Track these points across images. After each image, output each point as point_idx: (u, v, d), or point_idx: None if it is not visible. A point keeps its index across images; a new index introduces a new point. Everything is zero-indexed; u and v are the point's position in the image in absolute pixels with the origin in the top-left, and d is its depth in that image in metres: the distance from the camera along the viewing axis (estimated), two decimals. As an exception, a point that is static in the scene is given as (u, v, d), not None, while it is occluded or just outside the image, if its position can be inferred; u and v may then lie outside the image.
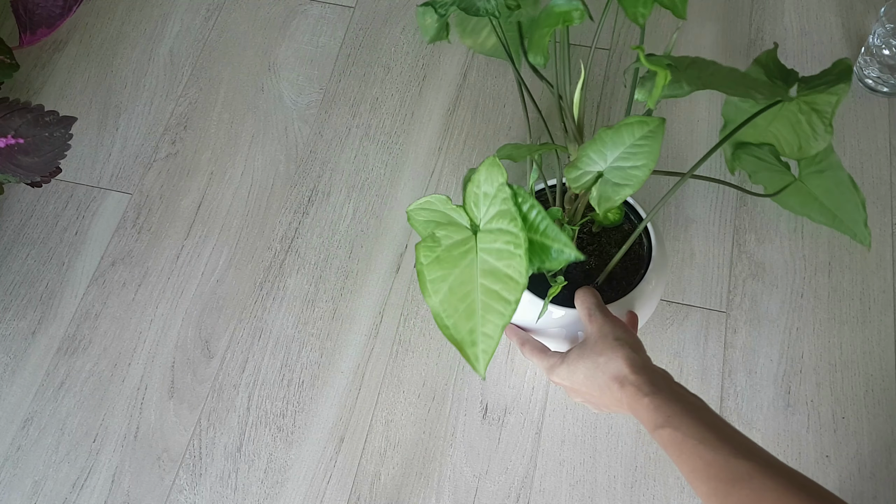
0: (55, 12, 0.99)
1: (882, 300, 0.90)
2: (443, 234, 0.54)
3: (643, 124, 0.53)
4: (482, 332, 0.50)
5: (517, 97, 1.04)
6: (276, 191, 0.99)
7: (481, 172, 0.53)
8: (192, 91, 1.07)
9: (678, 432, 0.57)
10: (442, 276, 0.53)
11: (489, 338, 0.50)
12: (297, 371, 0.88)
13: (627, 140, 0.54)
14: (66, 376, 0.88)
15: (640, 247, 0.77)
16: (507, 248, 0.51)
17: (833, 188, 0.55)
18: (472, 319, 0.51)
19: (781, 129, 0.61)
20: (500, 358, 0.88)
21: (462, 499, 0.82)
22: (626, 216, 0.79)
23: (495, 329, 0.50)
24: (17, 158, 0.80)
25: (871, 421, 0.84)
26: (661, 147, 1.00)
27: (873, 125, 1.01)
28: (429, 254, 0.54)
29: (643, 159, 0.53)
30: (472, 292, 0.51)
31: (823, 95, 0.58)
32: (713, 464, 0.54)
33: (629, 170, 0.54)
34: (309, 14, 1.13)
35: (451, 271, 0.53)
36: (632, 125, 0.54)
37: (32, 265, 0.95)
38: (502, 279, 0.50)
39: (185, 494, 0.82)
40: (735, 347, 0.88)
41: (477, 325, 0.50)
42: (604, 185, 0.56)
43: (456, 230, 0.54)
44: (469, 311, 0.51)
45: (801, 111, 0.59)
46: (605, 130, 0.56)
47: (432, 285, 0.53)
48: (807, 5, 1.10)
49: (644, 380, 0.61)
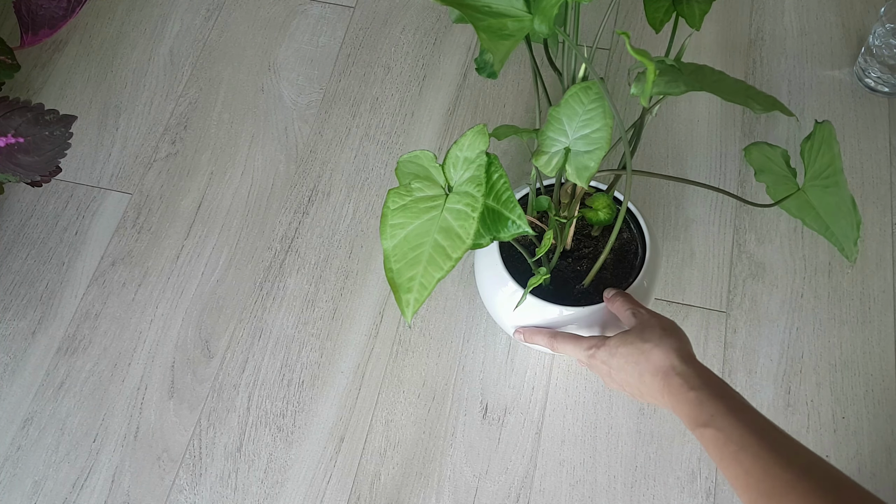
0: (58, 13, 0.99)
1: (882, 300, 0.90)
2: (416, 187, 0.57)
3: (588, 89, 0.57)
4: (420, 281, 0.53)
5: (517, 97, 1.04)
6: (276, 191, 0.99)
7: (467, 137, 0.56)
8: (192, 91, 1.07)
9: (721, 434, 0.55)
10: (402, 224, 0.56)
11: (424, 288, 0.53)
12: (297, 371, 0.88)
13: (579, 109, 0.57)
14: (66, 376, 0.88)
15: (634, 252, 0.77)
16: (465, 210, 0.54)
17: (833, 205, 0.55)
18: (415, 268, 0.54)
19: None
20: (500, 358, 0.88)
21: (462, 499, 0.82)
22: (626, 223, 0.78)
23: (431, 280, 0.53)
24: (17, 157, 0.80)
25: (871, 421, 0.84)
26: (661, 147, 1.00)
27: (873, 125, 1.01)
28: (398, 200, 0.56)
29: (599, 121, 0.56)
30: (425, 245, 0.54)
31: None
32: (752, 473, 0.53)
33: (591, 135, 0.57)
34: (309, 14, 1.13)
35: (412, 221, 0.56)
36: (577, 94, 0.57)
37: (32, 265, 0.95)
38: (452, 237, 0.53)
39: (185, 494, 0.82)
40: (735, 347, 0.88)
41: (418, 274, 0.54)
42: (575, 158, 0.58)
43: (430, 186, 0.57)
44: (415, 261, 0.54)
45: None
46: (555, 108, 0.58)
47: (391, 230, 0.56)
48: (807, 5, 1.10)
49: (692, 372, 0.60)
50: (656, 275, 0.78)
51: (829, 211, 0.55)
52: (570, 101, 0.57)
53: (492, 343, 0.89)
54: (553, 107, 0.58)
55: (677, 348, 0.62)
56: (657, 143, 1.01)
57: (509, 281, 0.74)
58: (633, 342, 0.64)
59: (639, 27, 1.10)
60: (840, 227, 0.55)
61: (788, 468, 0.52)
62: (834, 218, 0.55)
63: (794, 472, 0.52)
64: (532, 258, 0.68)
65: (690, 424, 0.58)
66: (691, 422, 0.58)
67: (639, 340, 0.64)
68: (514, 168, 0.99)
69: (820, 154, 0.54)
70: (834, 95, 1.03)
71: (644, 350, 0.63)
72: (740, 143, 1.00)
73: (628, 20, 1.10)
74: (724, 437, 0.55)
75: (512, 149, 1.01)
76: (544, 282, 0.75)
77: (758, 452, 0.54)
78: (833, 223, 0.55)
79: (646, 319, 0.66)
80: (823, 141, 0.54)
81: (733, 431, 0.55)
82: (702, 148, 1.00)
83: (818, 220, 0.55)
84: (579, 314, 0.73)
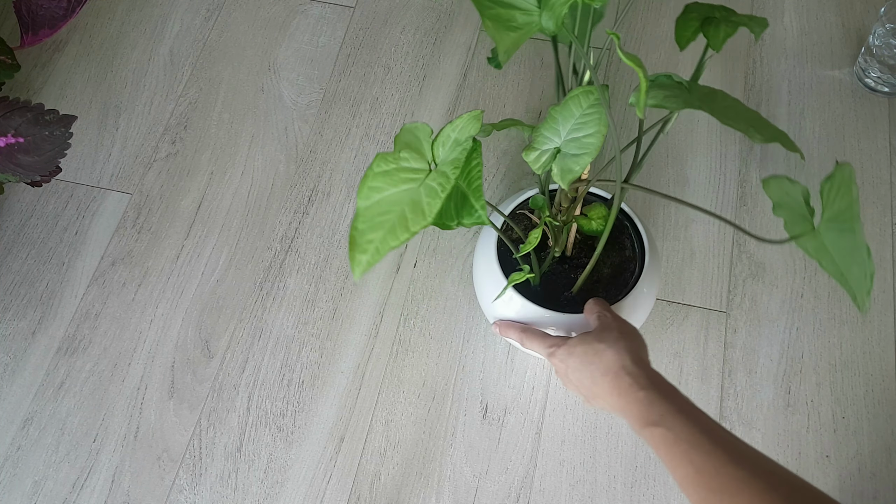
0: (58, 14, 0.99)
1: (882, 300, 0.90)
2: (404, 156, 0.58)
3: (588, 94, 0.57)
4: (377, 245, 0.55)
5: (517, 97, 1.04)
6: (276, 191, 0.99)
7: (462, 119, 0.56)
8: (192, 91, 1.07)
9: (671, 433, 0.56)
10: (380, 188, 0.57)
11: (378, 252, 0.54)
12: (297, 371, 0.88)
13: (576, 112, 0.57)
14: (66, 376, 0.88)
15: (631, 272, 0.77)
16: (436, 189, 0.55)
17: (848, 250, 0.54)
18: (376, 232, 0.55)
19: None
20: (501, 358, 0.88)
21: (462, 499, 0.82)
22: (630, 240, 0.78)
23: (386, 247, 0.54)
24: (17, 157, 0.80)
25: (871, 421, 0.84)
26: (661, 146, 1.00)
27: (873, 125, 1.01)
28: (383, 165, 0.57)
29: (594, 127, 0.56)
30: (393, 213, 0.55)
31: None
32: (703, 471, 0.53)
33: (583, 139, 0.57)
34: (309, 14, 1.13)
35: (389, 188, 0.57)
36: (577, 97, 0.57)
37: (32, 265, 0.95)
38: (417, 212, 0.55)
39: (185, 494, 0.82)
40: (735, 347, 0.88)
41: (377, 238, 0.55)
42: (563, 160, 0.58)
43: (417, 159, 0.58)
44: (379, 226, 0.55)
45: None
46: (554, 108, 0.58)
47: (369, 191, 0.57)
48: (807, 5, 1.10)
49: (642, 373, 0.61)
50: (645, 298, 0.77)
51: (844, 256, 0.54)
52: (569, 103, 0.57)
53: (492, 343, 0.89)
54: (553, 106, 0.58)
55: (630, 350, 0.63)
56: (656, 143, 1.00)
57: (501, 277, 0.74)
58: (589, 342, 0.65)
59: (662, 36, 1.09)
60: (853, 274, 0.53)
61: (741, 466, 0.53)
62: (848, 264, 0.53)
63: (746, 469, 0.52)
64: (517, 254, 0.68)
65: (639, 424, 0.59)
66: (640, 421, 0.59)
67: (595, 341, 0.65)
68: (514, 168, 0.99)
69: (839, 196, 0.53)
70: (834, 95, 1.03)
71: (598, 350, 0.64)
72: (740, 143, 1.00)
73: (628, 22, 1.10)
74: (673, 435, 0.56)
75: (513, 149, 1.01)
76: (533, 281, 0.76)
77: (709, 450, 0.54)
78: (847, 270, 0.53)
79: (608, 323, 0.67)
80: (843, 183, 0.53)
81: (683, 430, 0.56)
82: (701, 148, 1.00)
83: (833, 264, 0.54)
84: (558, 319, 0.73)
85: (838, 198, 0.53)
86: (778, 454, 0.83)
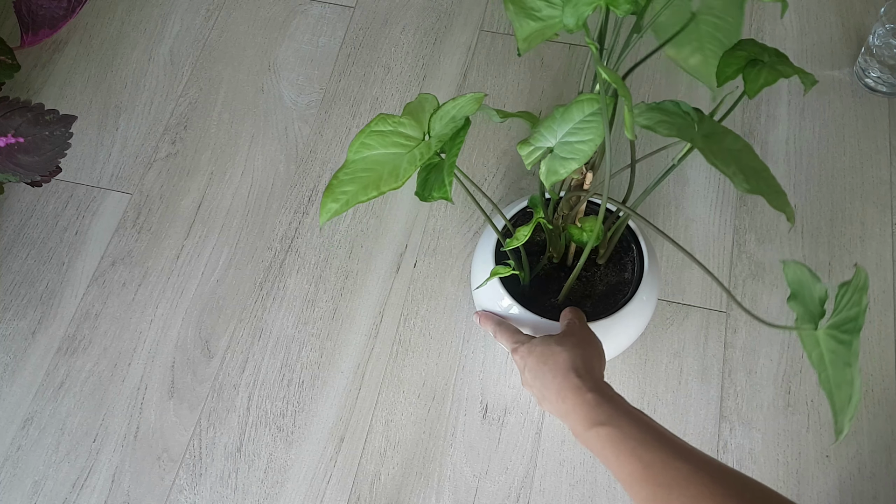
0: (58, 14, 0.99)
1: (882, 300, 0.90)
2: (403, 122, 0.59)
3: (593, 102, 0.57)
4: (348, 198, 0.57)
5: (517, 97, 1.04)
6: (276, 191, 0.99)
7: (465, 98, 0.57)
8: (192, 91, 1.07)
9: (618, 431, 0.57)
10: (371, 146, 0.59)
11: (347, 205, 0.57)
12: (297, 371, 0.88)
13: (577, 116, 0.57)
14: (66, 376, 0.88)
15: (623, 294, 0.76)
16: (416, 156, 0.57)
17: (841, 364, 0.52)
18: (352, 185, 0.57)
19: None
20: (501, 358, 0.88)
21: (462, 499, 0.82)
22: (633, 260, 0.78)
23: (355, 200, 0.57)
24: (18, 157, 0.80)
25: (871, 421, 0.84)
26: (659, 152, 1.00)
27: (873, 125, 1.01)
28: (381, 125, 0.59)
29: (590, 135, 0.56)
30: (373, 172, 0.58)
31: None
32: (651, 466, 0.54)
33: (576, 144, 0.57)
34: (309, 14, 1.13)
35: (379, 150, 0.59)
36: (582, 102, 0.57)
37: (32, 265, 0.95)
38: (393, 175, 0.57)
39: (185, 494, 0.82)
40: (735, 347, 0.88)
41: (351, 191, 0.57)
42: (552, 160, 0.58)
43: (414, 128, 0.59)
44: (357, 181, 0.58)
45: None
46: (558, 108, 0.58)
47: (361, 147, 0.59)
48: (807, 5, 1.10)
49: (590, 378, 0.62)
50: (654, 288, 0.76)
51: (837, 370, 0.52)
52: (572, 107, 0.57)
53: (492, 343, 0.89)
54: (557, 105, 0.58)
55: (584, 357, 0.64)
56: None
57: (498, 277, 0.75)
58: (548, 344, 0.66)
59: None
60: (841, 395, 0.52)
61: (687, 460, 0.54)
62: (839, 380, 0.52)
63: (693, 464, 0.54)
64: (505, 247, 0.69)
65: (584, 425, 0.59)
66: (586, 422, 0.59)
67: (554, 343, 0.66)
68: (514, 168, 0.99)
69: (850, 304, 0.52)
70: (834, 95, 1.03)
71: (554, 352, 0.65)
72: (740, 143, 1.00)
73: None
74: (621, 434, 0.57)
75: (513, 149, 1.01)
76: (522, 280, 0.76)
77: (656, 447, 0.55)
78: (837, 387, 0.52)
79: (572, 329, 0.68)
80: (857, 290, 0.52)
81: (630, 429, 0.57)
82: (702, 148, 1.00)
83: (825, 373, 0.52)
84: (535, 321, 0.73)
85: (848, 306, 0.53)
86: (778, 454, 0.83)
